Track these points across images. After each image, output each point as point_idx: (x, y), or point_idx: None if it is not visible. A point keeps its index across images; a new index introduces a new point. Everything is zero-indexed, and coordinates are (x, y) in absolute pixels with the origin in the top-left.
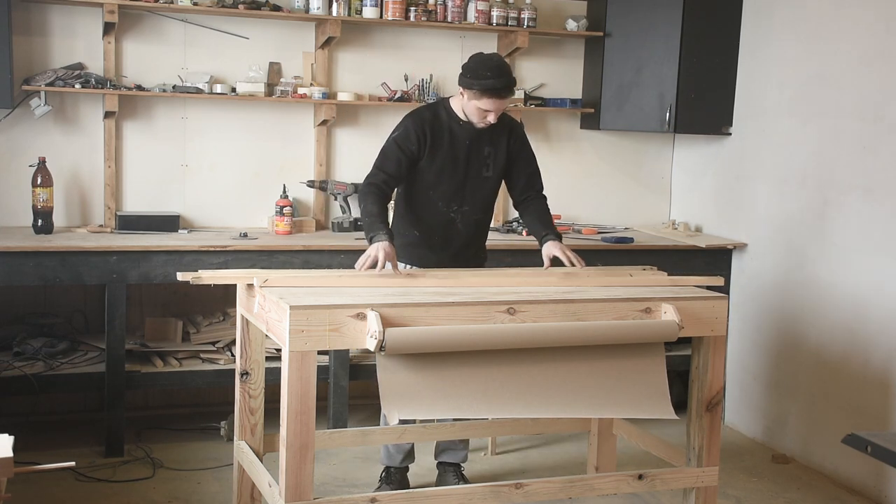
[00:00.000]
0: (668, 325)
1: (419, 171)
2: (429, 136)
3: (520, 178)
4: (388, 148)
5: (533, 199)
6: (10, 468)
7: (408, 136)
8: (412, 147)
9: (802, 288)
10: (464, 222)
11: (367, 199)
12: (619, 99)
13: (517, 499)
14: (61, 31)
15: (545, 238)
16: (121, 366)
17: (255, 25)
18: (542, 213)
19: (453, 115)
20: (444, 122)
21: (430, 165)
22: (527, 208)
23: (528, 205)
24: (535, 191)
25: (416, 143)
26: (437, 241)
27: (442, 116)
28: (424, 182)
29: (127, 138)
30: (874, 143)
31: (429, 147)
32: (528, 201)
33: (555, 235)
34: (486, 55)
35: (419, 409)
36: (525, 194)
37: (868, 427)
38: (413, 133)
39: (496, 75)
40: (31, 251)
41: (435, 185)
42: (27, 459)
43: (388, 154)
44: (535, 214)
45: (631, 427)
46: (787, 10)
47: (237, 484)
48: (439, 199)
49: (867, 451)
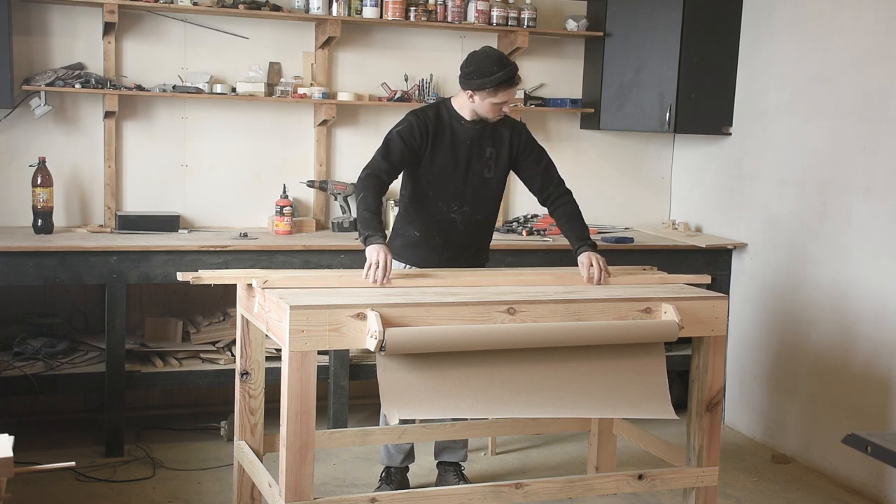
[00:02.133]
0: (668, 325)
1: (420, 170)
2: (431, 133)
3: (535, 178)
4: (392, 139)
5: (557, 198)
6: (10, 468)
7: (412, 131)
8: (415, 141)
9: (802, 288)
10: (464, 223)
11: (368, 192)
12: (619, 99)
13: (517, 499)
14: (61, 31)
15: (579, 250)
16: (121, 366)
17: (255, 25)
18: (573, 218)
19: (455, 114)
20: (446, 122)
21: (431, 164)
22: (555, 211)
23: (556, 207)
24: (555, 186)
25: (419, 139)
26: (437, 242)
27: (444, 116)
28: (425, 182)
29: (127, 138)
30: (874, 143)
31: (430, 144)
32: (553, 202)
33: (588, 246)
34: (481, 52)
35: (419, 410)
36: (546, 192)
37: (868, 427)
38: (416, 128)
39: (502, 66)
40: (31, 251)
41: (435, 185)
42: (27, 459)
43: (391, 145)
44: (565, 219)
45: (631, 427)
46: (787, 10)
47: (237, 484)
48: (439, 199)
49: (867, 451)
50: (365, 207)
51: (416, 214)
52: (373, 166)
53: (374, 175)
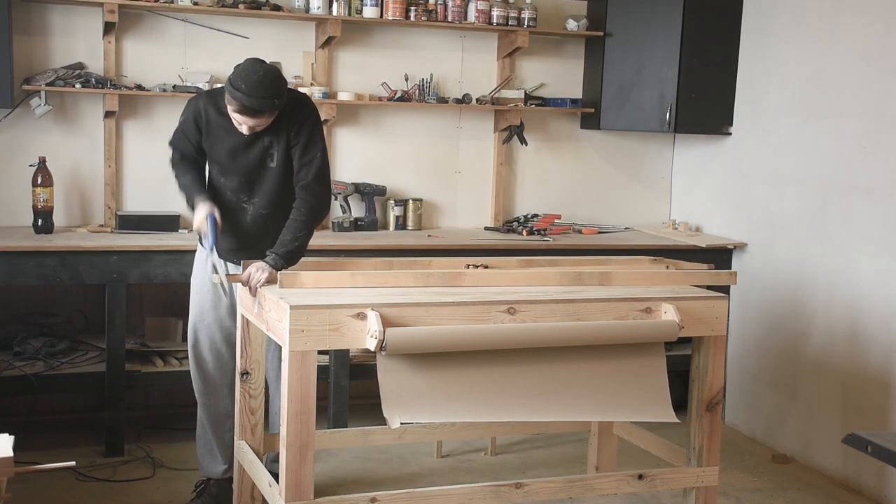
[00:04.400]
0: (669, 325)
1: (209, 157)
2: (204, 124)
3: (296, 171)
4: (179, 129)
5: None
6: (10, 468)
7: (187, 125)
8: (194, 135)
9: (802, 288)
10: (253, 215)
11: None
12: (620, 99)
13: (517, 499)
14: (61, 30)
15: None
16: (121, 366)
17: (255, 25)
18: (287, 227)
19: None
20: (224, 110)
21: (213, 153)
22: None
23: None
24: (300, 187)
25: (194, 132)
26: (228, 229)
27: (221, 104)
28: (214, 169)
29: (127, 138)
30: (874, 143)
31: (206, 135)
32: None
33: (272, 258)
34: (257, 64)
35: (420, 413)
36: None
37: (868, 427)
38: (191, 122)
39: (249, 92)
40: (32, 251)
41: (223, 174)
42: (27, 459)
43: (179, 135)
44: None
45: (631, 427)
46: (788, 10)
47: (237, 484)
48: (228, 188)
49: (867, 451)
50: (182, 186)
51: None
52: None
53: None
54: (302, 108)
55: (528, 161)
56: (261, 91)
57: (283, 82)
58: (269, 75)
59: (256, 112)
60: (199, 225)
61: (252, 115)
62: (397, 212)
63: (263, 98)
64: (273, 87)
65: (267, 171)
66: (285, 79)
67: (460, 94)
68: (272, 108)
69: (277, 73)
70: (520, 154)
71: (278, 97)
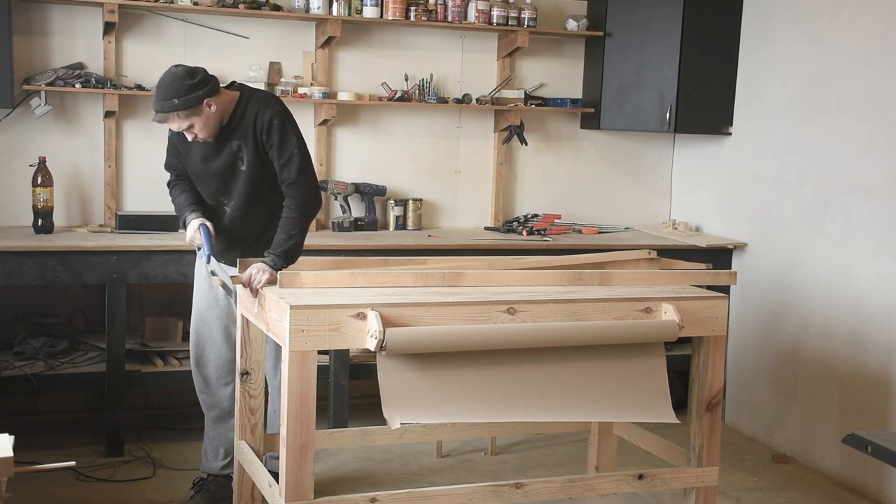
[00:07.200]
0: (669, 325)
1: (188, 169)
2: (180, 141)
3: (278, 172)
4: (167, 151)
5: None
6: (11, 468)
7: (169, 145)
8: (176, 153)
9: (802, 288)
10: (230, 218)
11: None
12: (620, 99)
13: (517, 499)
14: (61, 30)
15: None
16: (121, 366)
17: (255, 25)
18: (280, 227)
19: None
20: None
21: (189, 164)
22: None
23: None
24: (286, 186)
25: (174, 151)
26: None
27: None
28: (193, 179)
29: (127, 138)
30: (874, 143)
31: (183, 150)
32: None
33: (272, 258)
34: (171, 69)
35: (420, 413)
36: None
37: (868, 427)
38: (171, 142)
39: (156, 95)
40: (32, 251)
41: (199, 182)
42: (27, 459)
43: (167, 156)
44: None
45: (631, 427)
46: (788, 10)
47: (237, 484)
48: (206, 194)
49: (867, 451)
50: (175, 206)
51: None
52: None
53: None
54: (266, 107)
55: (528, 161)
56: (159, 94)
57: (185, 80)
58: (168, 77)
59: (163, 117)
60: (191, 237)
61: (162, 121)
62: (397, 212)
63: (163, 100)
64: (171, 87)
65: (238, 173)
66: (201, 77)
67: (460, 94)
68: (172, 107)
69: (181, 72)
70: (520, 154)
71: (178, 96)
